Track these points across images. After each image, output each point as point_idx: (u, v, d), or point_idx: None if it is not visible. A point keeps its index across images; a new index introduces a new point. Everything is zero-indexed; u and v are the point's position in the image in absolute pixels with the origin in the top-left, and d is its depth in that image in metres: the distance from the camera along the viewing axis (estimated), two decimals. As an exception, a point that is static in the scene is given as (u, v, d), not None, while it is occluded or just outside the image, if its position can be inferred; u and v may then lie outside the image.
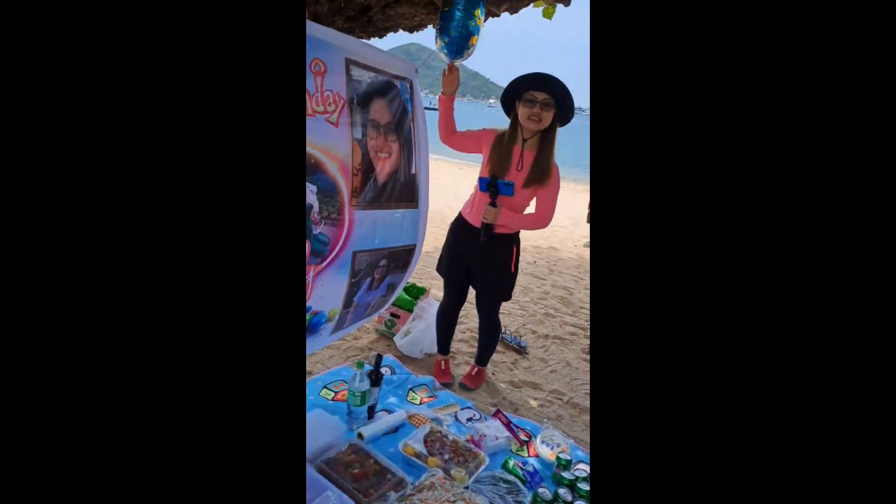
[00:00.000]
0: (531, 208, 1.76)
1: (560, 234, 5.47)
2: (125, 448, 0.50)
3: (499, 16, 1.92)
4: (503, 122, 1.78)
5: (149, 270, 0.52)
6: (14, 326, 0.47)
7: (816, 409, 0.48)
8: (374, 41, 2.33)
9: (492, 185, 1.64)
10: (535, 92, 1.58)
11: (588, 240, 5.31)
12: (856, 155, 0.48)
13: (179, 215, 0.53)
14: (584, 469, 1.53)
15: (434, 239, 3.18)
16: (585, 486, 1.36)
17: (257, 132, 0.56)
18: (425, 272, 3.08)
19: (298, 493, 0.58)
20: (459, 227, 1.80)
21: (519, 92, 1.60)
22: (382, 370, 1.96)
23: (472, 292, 1.95)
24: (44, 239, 0.48)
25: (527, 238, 4.92)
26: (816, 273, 0.48)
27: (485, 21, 1.74)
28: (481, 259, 1.77)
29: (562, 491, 1.33)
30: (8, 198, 0.47)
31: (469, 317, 2.61)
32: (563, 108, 1.61)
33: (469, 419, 1.75)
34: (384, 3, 1.76)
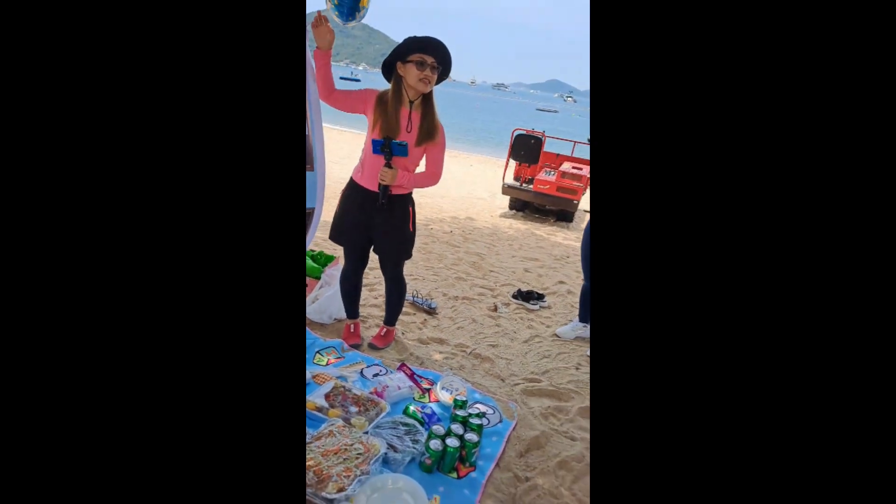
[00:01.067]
0: (421, 168, 1.82)
1: (478, 205, 5.66)
2: (123, 442, 0.50)
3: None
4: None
5: (147, 266, 0.52)
6: (14, 327, 0.47)
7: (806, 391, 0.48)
8: None
9: (386, 147, 1.67)
10: (424, 55, 1.62)
11: (503, 210, 5.55)
12: (854, 152, 0.47)
13: (179, 208, 0.53)
14: (478, 407, 1.67)
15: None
16: (477, 421, 1.49)
17: (257, 128, 0.56)
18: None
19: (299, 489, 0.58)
20: (353, 191, 1.81)
21: (406, 54, 1.63)
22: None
23: (374, 257, 1.99)
24: (43, 240, 0.48)
25: (444, 209, 5.05)
26: (813, 265, 0.48)
27: None
28: (380, 221, 1.80)
29: (454, 426, 1.45)
30: (8, 198, 0.47)
31: (382, 282, 2.66)
32: (445, 71, 1.69)
33: (375, 375, 1.81)
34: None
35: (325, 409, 1.50)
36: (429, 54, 1.62)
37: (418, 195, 6.17)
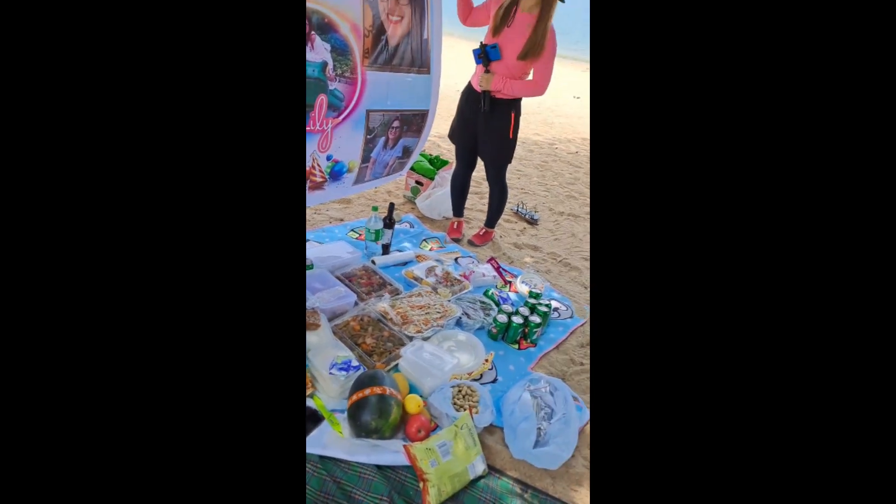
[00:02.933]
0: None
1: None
2: (124, 435, 0.49)
3: None
4: None
5: (146, 260, 0.51)
6: (14, 327, 0.46)
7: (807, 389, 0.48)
8: None
9: (482, 54, 1.75)
10: None
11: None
12: (853, 152, 0.47)
13: (180, 201, 0.52)
14: (553, 304, 1.82)
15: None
16: (544, 308, 1.66)
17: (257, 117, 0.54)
18: (451, 146, 3.28)
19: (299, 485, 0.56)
20: (466, 93, 1.96)
21: None
22: (402, 225, 2.32)
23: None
24: (43, 242, 0.47)
25: (578, 130, 4.81)
26: (814, 264, 0.48)
27: None
28: (483, 126, 1.94)
29: (522, 309, 1.65)
30: (8, 198, 0.46)
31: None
32: None
33: (467, 264, 2.08)
34: None
35: (420, 279, 1.83)
36: None
37: (552, 114, 5.93)
